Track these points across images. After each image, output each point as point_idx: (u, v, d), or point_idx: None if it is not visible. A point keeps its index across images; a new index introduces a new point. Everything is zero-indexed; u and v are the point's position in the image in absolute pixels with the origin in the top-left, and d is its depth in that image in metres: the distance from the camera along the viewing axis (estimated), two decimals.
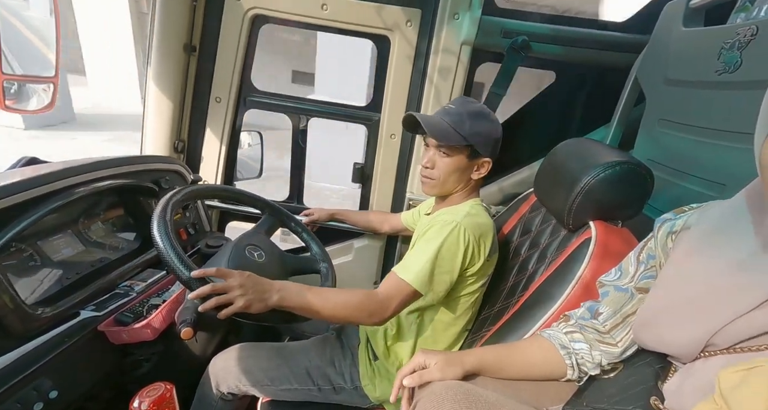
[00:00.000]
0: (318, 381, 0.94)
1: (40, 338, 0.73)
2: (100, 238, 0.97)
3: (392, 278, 0.80)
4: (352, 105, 1.42)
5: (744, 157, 0.56)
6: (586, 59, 1.21)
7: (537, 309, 0.71)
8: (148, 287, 0.95)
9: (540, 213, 0.95)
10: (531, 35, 1.16)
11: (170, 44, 1.19)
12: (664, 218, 0.55)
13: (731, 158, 0.71)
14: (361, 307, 0.76)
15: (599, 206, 0.73)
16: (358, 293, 0.77)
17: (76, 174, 0.85)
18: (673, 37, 0.89)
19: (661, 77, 0.93)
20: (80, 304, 0.82)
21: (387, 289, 0.79)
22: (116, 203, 1.03)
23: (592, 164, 0.72)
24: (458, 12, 1.14)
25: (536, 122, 1.37)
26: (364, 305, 0.76)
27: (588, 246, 0.69)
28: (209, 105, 1.31)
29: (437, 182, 0.89)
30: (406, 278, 0.78)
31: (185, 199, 0.87)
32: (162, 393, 0.55)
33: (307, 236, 1.13)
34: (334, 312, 0.75)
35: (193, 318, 0.78)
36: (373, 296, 0.77)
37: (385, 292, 0.78)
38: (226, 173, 1.41)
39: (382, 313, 0.78)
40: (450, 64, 1.19)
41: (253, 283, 0.70)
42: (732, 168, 0.71)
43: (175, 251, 0.69)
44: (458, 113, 0.86)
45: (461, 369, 0.57)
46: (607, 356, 0.57)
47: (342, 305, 0.75)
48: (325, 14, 1.18)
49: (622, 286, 0.57)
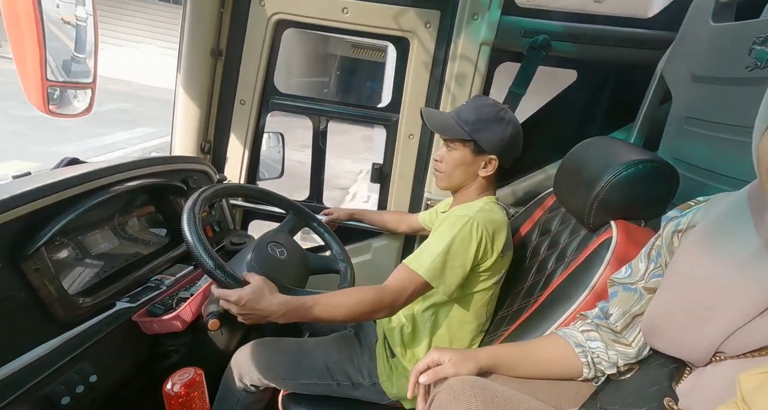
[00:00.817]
0: (337, 377, 0.96)
1: (81, 326, 0.78)
2: (134, 234, 1.03)
3: (403, 269, 0.81)
4: (371, 106, 1.44)
5: None
6: (608, 57, 1.19)
7: (555, 309, 0.71)
8: (177, 281, 0.99)
9: (559, 213, 0.94)
10: (552, 34, 1.15)
11: (198, 49, 1.25)
12: (669, 215, 0.54)
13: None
14: (374, 307, 0.77)
15: (621, 205, 0.72)
16: (368, 292, 0.77)
17: (113, 173, 0.91)
18: (702, 33, 0.87)
19: (688, 74, 0.90)
20: (116, 295, 0.87)
21: (397, 281, 0.79)
22: (148, 200, 1.09)
23: (614, 163, 0.71)
24: (478, 13, 1.14)
25: (556, 122, 1.35)
26: (376, 304, 0.77)
27: (609, 246, 0.68)
28: (234, 107, 1.36)
29: (444, 175, 0.93)
30: (417, 269, 0.79)
31: (213, 196, 0.91)
32: (192, 377, 0.58)
33: (329, 236, 1.15)
34: (347, 318, 0.77)
35: (220, 311, 0.81)
36: (383, 292, 0.78)
37: (396, 284, 0.79)
38: (249, 173, 1.46)
39: (393, 305, 0.78)
40: (469, 65, 1.20)
41: (252, 307, 0.71)
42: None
43: (203, 245, 0.72)
44: (467, 109, 0.89)
45: (475, 365, 0.58)
46: (623, 356, 0.56)
47: (354, 311, 0.76)
48: (345, 17, 1.21)
49: (631, 286, 0.56)
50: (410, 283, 0.79)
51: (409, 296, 0.79)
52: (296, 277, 0.96)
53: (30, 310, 0.71)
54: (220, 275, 0.72)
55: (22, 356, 0.68)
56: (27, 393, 0.65)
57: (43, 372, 0.68)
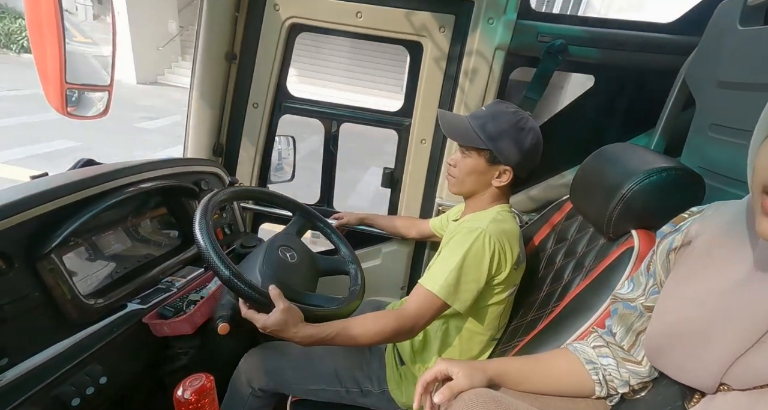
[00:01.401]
0: (346, 383, 0.95)
1: (92, 327, 0.78)
2: (146, 235, 1.04)
3: (419, 291, 0.80)
4: (383, 110, 1.44)
5: None
6: (627, 62, 1.17)
7: (573, 320, 0.68)
8: (188, 284, 0.99)
9: (576, 221, 0.92)
10: (568, 38, 1.13)
11: (213, 53, 1.26)
12: (663, 230, 0.52)
13: None
14: (396, 333, 0.77)
15: (643, 214, 0.69)
16: (389, 320, 0.77)
17: (127, 175, 0.91)
18: (728, 37, 0.84)
19: (713, 80, 0.87)
20: (127, 297, 0.88)
21: (416, 304, 0.79)
22: (161, 202, 1.09)
23: (637, 170, 0.68)
24: (493, 16, 1.13)
25: (572, 128, 1.32)
26: (396, 329, 0.76)
27: (630, 256, 0.66)
28: (247, 110, 1.37)
29: (456, 181, 0.91)
30: (433, 289, 0.78)
31: (224, 200, 0.91)
32: (203, 384, 0.58)
33: (337, 239, 1.15)
34: (369, 343, 0.77)
35: (230, 315, 0.81)
36: (404, 318, 0.77)
37: (415, 307, 0.78)
38: (261, 176, 1.46)
39: (413, 329, 0.78)
40: (483, 70, 1.18)
41: (277, 334, 0.72)
42: None
43: (215, 250, 0.72)
44: (485, 115, 0.86)
45: (484, 377, 0.56)
46: (635, 375, 0.54)
47: (375, 337, 0.76)
48: (359, 22, 1.21)
49: (630, 303, 0.54)
50: (428, 305, 0.78)
51: (428, 319, 0.79)
52: (307, 280, 0.95)
53: (43, 310, 0.71)
54: (243, 288, 0.72)
55: (34, 356, 0.68)
56: (38, 393, 0.65)
57: (55, 372, 0.68)
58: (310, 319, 0.77)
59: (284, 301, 0.73)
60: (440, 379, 0.57)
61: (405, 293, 1.50)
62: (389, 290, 1.49)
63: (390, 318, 0.77)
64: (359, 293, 0.95)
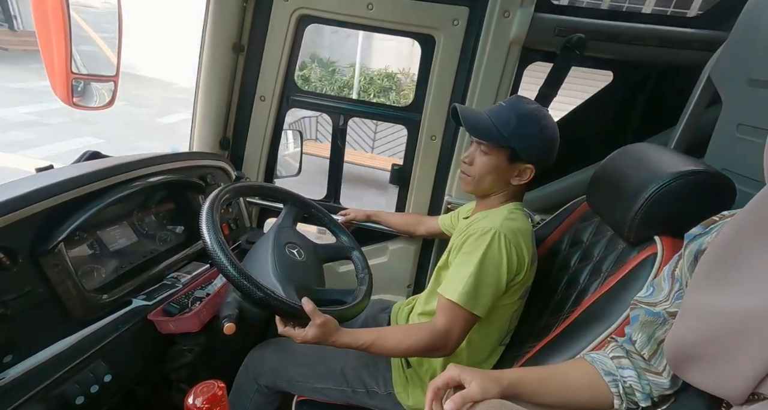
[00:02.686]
0: (352, 383, 0.93)
1: (97, 323, 0.77)
2: (152, 230, 1.02)
3: (442, 303, 0.78)
4: (392, 106, 1.40)
5: None
6: (648, 58, 1.12)
7: (590, 328, 0.66)
8: (193, 280, 0.98)
9: (593, 223, 0.89)
10: (588, 33, 1.09)
11: (221, 44, 1.23)
12: (692, 233, 0.49)
13: None
14: (428, 346, 0.76)
15: (668, 219, 0.66)
16: (422, 335, 0.76)
17: (133, 169, 0.90)
18: (762, 32, 0.80)
19: (743, 77, 0.83)
20: (132, 293, 0.86)
21: (443, 316, 0.77)
22: (166, 197, 1.08)
23: (661, 172, 0.65)
24: (509, 9, 1.08)
25: (589, 125, 1.28)
26: (428, 346, 0.76)
27: (653, 264, 0.63)
28: (254, 104, 1.34)
29: (472, 180, 0.87)
30: (453, 297, 0.76)
31: (230, 197, 0.89)
32: (214, 392, 0.57)
33: (334, 226, 1.13)
34: (399, 355, 0.80)
35: (236, 313, 0.79)
36: (436, 332, 0.76)
37: (444, 322, 0.77)
38: (267, 171, 1.44)
39: (447, 344, 0.77)
40: (497, 65, 1.15)
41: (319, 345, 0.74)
42: None
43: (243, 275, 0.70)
44: (506, 111, 0.82)
45: (498, 389, 0.53)
46: (656, 387, 0.51)
47: (407, 352, 0.77)
48: (370, 14, 1.17)
49: (654, 310, 0.51)
50: (454, 316, 0.76)
51: (460, 332, 0.77)
52: (317, 274, 0.96)
53: (48, 306, 0.70)
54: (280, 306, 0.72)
55: (38, 353, 0.67)
56: (42, 392, 0.64)
57: (59, 370, 0.67)
58: (340, 320, 0.77)
59: (320, 315, 0.73)
60: (451, 386, 0.55)
61: (412, 291, 1.48)
62: (396, 288, 1.47)
63: (424, 332, 0.76)
64: (368, 279, 0.96)
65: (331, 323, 0.74)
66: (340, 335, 0.75)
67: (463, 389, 0.53)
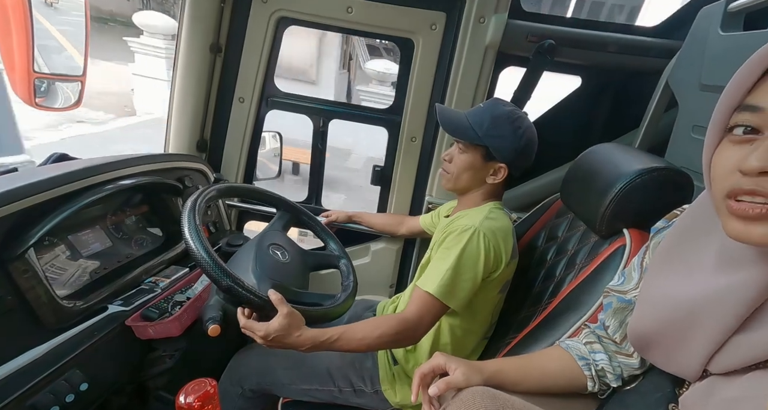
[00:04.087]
0: (339, 383, 0.94)
1: (71, 331, 0.74)
2: (127, 234, 0.99)
3: (417, 294, 0.80)
4: (373, 108, 1.42)
5: None
6: (613, 64, 1.20)
7: (566, 317, 0.69)
8: (173, 284, 0.96)
9: (567, 219, 0.94)
10: (558, 39, 1.15)
11: (197, 44, 1.21)
12: (657, 226, 0.54)
13: None
14: (398, 338, 0.76)
15: (634, 213, 0.71)
16: (390, 324, 0.76)
17: (106, 171, 0.87)
18: (710, 42, 0.87)
19: (695, 83, 0.90)
20: (108, 298, 0.83)
21: (415, 307, 0.78)
22: (142, 200, 1.05)
23: (628, 170, 0.70)
24: (484, 15, 1.13)
25: (560, 127, 1.35)
26: (398, 333, 0.76)
27: (622, 254, 0.68)
28: (232, 105, 1.32)
29: (451, 177, 0.91)
30: (430, 289, 0.77)
31: (211, 198, 0.88)
32: (206, 389, 0.56)
33: (324, 233, 1.13)
34: (371, 348, 0.77)
35: (220, 316, 0.78)
36: (404, 322, 0.77)
37: (415, 310, 0.78)
38: (246, 173, 1.42)
39: (417, 334, 0.78)
40: (474, 68, 1.19)
41: (279, 342, 0.71)
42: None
43: (207, 252, 0.69)
44: (482, 112, 0.87)
45: (481, 377, 0.56)
46: (627, 368, 0.55)
47: (377, 341, 0.75)
48: (350, 17, 1.19)
49: (625, 297, 0.55)
50: (427, 307, 0.78)
51: (430, 321, 0.79)
52: (300, 278, 0.94)
53: (17, 314, 0.67)
54: (244, 294, 0.70)
55: (7, 363, 0.64)
56: (13, 403, 0.61)
57: (31, 380, 0.64)
58: (311, 320, 0.76)
59: (286, 306, 0.71)
60: (437, 373, 0.57)
61: (394, 291, 1.50)
62: (378, 288, 1.48)
63: (392, 321, 0.76)
64: (353, 287, 0.95)
65: (297, 317, 0.72)
66: (306, 329, 0.72)
67: (448, 376, 0.55)
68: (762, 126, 0.33)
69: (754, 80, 0.34)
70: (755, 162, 0.31)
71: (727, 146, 0.36)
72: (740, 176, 0.33)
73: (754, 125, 0.34)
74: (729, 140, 0.36)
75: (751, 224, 0.32)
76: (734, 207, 0.33)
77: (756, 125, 0.33)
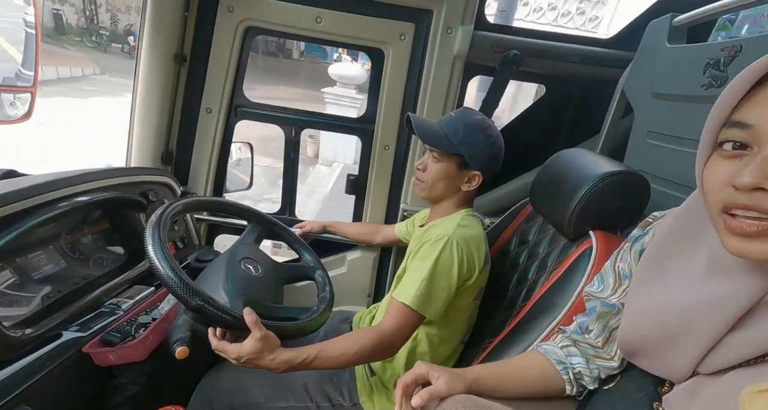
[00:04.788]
0: (316, 398, 0.91)
1: (19, 362, 0.68)
2: (85, 254, 0.93)
3: (394, 305, 0.79)
4: (345, 117, 1.42)
5: None
6: (574, 73, 1.26)
7: (540, 320, 0.71)
8: (136, 305, 0.90)
9: (536, 223, 0.96)
10: (521, 50, 1.19)
11: (160, 53, 1.17)
12: (633, 235, 0.55)
13: None
14: (376, 352, 0.76)
15: (599, 215, 0.74)
16: (368, 338, 0.75)
17: (58, 188, 0.81)
18: (659, 54, 0.93)
19: (648, 91, 0.96)
20: (63, 324, 0.77)
21: (393, 318, 0.78)
22: (101, 216, 0.99)
23: (592, 174, 0.73)
24: (451, 26, 1.16)
25: (527, 134, 1.40)
26: (376, 347, 0.75)
27: (590, 256, 0.70)
28: (199, 116, 1.28)
29: (426, 186, 0.91)
30: (406, 300, 0.77)
31: (178, 213, 0.84)
32: None
33: (298, 245, 1.11)
34: (350, 364, 0.76)
35: (188, 336, 0.74)
36: (382, 335, 0.76)
37: (392, 322, 0.77)
38: (216, 185, 1.38)
39: (395, 347, 0.78)
40: (443, 77, 1.21)
41: (253, 363, 0.70)
42: None
43: (173, 270, 0.66)
44: (455, 121, 0.88)
45: (463, 384, 0.56)
46: (605, 369, 0.57)
47: (355, 357, 0.74)
48: (319, 27, 1.19)
49: (609, 301, 0.56)
50: (404, 318, 0.78)
51: (408, 332, 0.79)
52: (274, 292, 0.92)
53: None
54: (217, 314, 0.67)
55: None
56: None
57: None
58: (287, 335, 0.74)
59: (261, 329, 0.69)
60: (420, 383, 0.57)
61: (372, 301, 1.48)
62: (356, 298, 1.46)
63: (368, 335, 0.75)
64: (329, 299, 0.93)
65: (272, 339, 0.70)
66: (280, 351, 0.70)
67: (431, 385, 0.54)
68: (750, 142, 0.34)
69: (740, 96, 0.34)
70: (748, 179, 0.32)
71: (717, 161, 0.36)
72: (733, 190, 0.34)
73: (743, 140, 0.34)
74: (719, 154, 0.36)
75: (751, 241, 0.33)
76: (732, 225, 0.34)
77: (744, 140, 0.34)
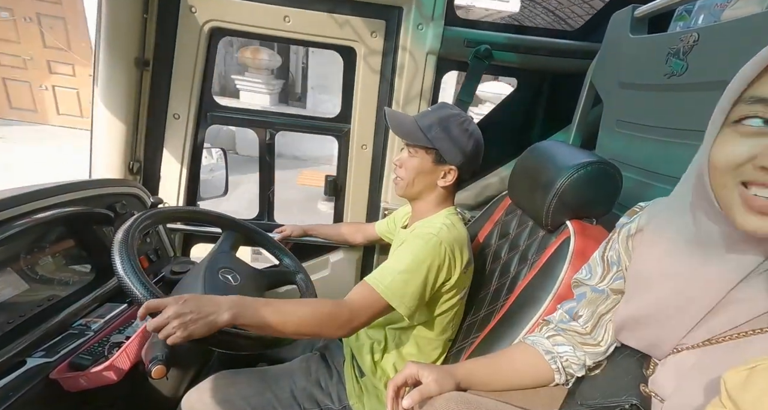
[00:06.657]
0: (305, 405, 0.89)
1: None
2: (48, 274, 0.87)
3: (365, 288, 0.76)
4: (321, 117, 1.40)
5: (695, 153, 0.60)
6: (544, 66, 1.28)
7: (525, 312, 0.71)
8: (108, 324, 0.86)
9: (516, 216, 0.97)
10: (492, 44, 1.20)
11: (119, 59, 1.11)
12: (621, 222, 0.57)
13: (685, 155, 0.76)
14: (330, 320, 0.71)
15: (575, 205, 0.75)
16: (326, 304, 0.72)
17: (15, 205, 0.76)
18: (623, 44, 0.96)
19: (615, 81, 0.98)
20: (26, 351, 0.72)
21: (358, 297, 0.75)
22: (66, 233, 0.93)
23: (566, 165, 0.74)
24: (422, 23, 1.16)
25: (502, 127, 1.41)
26: (333, 317, 0.71)
27: (568, 245, 0.71)
28: (167, 122, 1.23)
29: (404, 182, 0.90)
30: (377, 288, 0.75)
31: (147, 226, 0.80)
32: None
33: (276, 249, 1.08)
34: (299, 328, 0.69)
35: (165, 354, 0.70)
36: (343, 307, 0.72)
37: (357, 302, 0.74)
38: (189, 194, 1.33)
39: (351, 325, 0.73)
40: (417, 74, 1.21)
41: (193, 308, 0.62)
42: (686, 164, 0.76)
43: (137, 277, 0.63)
44: (431, 116, 0.88)
45: (453, 381, 0.56)
46: (592, 356, 0.58)
47: (308, 320, 0.69)
48: (287, 26, 1.16)
49: (597, 287, 0.57)
50: (369, 302, 0.75)
51: (369, 316, 0.75)
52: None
53: None
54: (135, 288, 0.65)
55: None
56: None
57: None
58: (268, 344, 0.72)
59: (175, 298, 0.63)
60: (410, 384, 0.56)
61: None
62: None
63: (328, 302, 0.72)
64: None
65: (200, 296, 0.64)
66: (223, 296, 0.65)
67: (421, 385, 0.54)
68: None
69: (757, 72, 0.33)
70: None
71: (733, 137, 0.35)
72: (752, 168, 0.33)
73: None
74: (736, 131, 0.35)
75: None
76: (753, 203, 0.33)
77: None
